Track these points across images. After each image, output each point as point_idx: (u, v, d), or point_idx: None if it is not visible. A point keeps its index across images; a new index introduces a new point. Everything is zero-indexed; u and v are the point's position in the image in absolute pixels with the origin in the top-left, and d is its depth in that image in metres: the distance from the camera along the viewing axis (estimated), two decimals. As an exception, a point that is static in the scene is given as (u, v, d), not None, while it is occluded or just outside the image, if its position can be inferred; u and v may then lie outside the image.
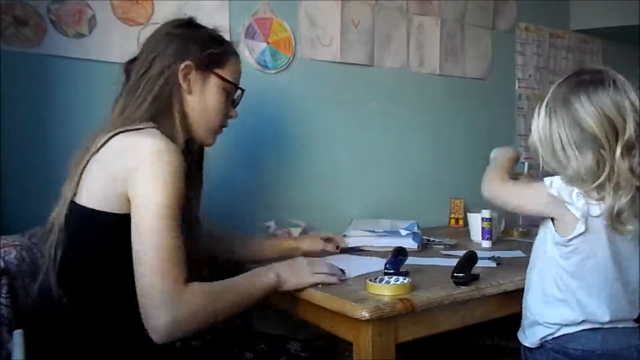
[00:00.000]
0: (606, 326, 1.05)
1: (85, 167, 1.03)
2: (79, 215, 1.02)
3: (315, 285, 1.15)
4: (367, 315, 1.00)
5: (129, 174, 0.97)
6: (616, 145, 0.98)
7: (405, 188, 2.16)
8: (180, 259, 0.96)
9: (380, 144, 2.10)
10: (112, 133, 1.03)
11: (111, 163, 1.01)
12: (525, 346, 1.14)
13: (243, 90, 1.27)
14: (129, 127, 1.04)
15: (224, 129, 1.26)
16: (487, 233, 1.67)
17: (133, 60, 1.16)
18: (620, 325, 1.07)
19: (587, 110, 1.00)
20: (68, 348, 1.01)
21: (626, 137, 0.97)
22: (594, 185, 0.99)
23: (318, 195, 1.93)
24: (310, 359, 1.20)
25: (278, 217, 1.77)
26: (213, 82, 1.17)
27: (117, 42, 1.55)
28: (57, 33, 1.46)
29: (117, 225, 0.99)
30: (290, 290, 1.14)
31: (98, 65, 1.52)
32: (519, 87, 2.56)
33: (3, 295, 1.00)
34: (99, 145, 1.03)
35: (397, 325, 1.06)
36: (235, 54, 1.23)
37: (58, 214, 1.04)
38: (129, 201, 0.99)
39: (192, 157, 1.21)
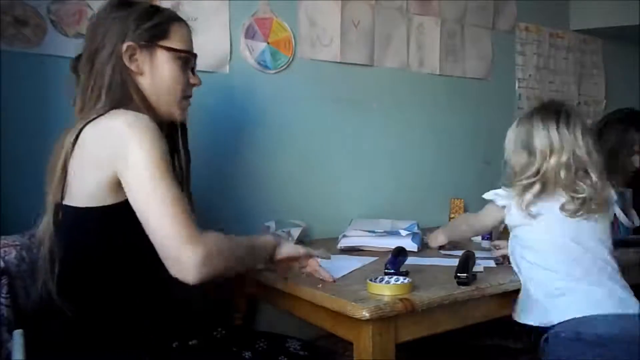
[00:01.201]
0: (617, 310, 1.12)
1: (64, 167, 1.01)
2: (71, 217, 1.00)
3: (315, 286, 1.15)
4: (367, 315, 1.00)
5: (111, 156, 0.96)
6: (549, 158, 1.26)
7: (405, 188, 2.16)
8: (186, 206, 0.96)
9: (380, 144, 2.10)
10: (80, 126, 1.01)
11: (90, 154, 0.99)
12: (543, 340, 1.17)
13: (195, 54, 1.19)
14: (94, 116, 1.01)
15: (190, 99, 1.21)
16: (487, 233, 1.67)
17: (79, 57, 1.12)
18: (630, 310, 1.13)
19: (538, 128, 1.32)
20: (70, 351, 1.00)
21: (562, 159, 1.24)
22: (523, 181, 1.29)
23: (318, 195, 1.93)
24: (310, 359, 1.20)
25: (278, 217, 1.77)
26: (161, 55, 1.11)
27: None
28: (57, 33, 1.46)
29: (113, 217, 0.98)
30: (284, 258, 1.15)
31: (98, 65, 1.52)
32: (519, 87, 2.56)
33: (3, 295, 1.00)
34: (71, 142, 1.01)
35: (397, 325, 1.06)
36: (177, 20, 1.15)
37: (46, 224, 1.02)
38: (119, 186, 0.97)
39: (173, 140, 1.18)
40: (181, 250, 0.92)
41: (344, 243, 1.60)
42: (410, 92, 2.18)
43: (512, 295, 1.22)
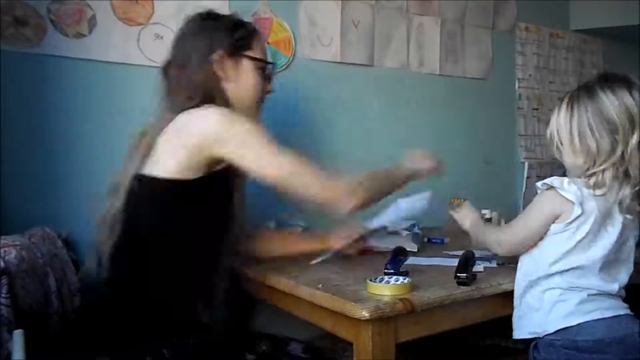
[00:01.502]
0: (608, 315, 1.09)
1: (151, 145, 1.11)
2: (148, 185, 1.09)
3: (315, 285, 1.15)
4: (367, 315, 0.99)
5: (210, 140, 1.08)
6: (632, 135, 1.07)
7: (405, 188, 2.15)
8: (311, 163, 1.15)
9: (380, 143, 2.10)
10: (174, 115, 1.11)
11: (181, 135, 1.09)
12: (532, 347, 1.16)
13: (274, 64, 1.34)
14: (188, 106, 1.12)
15: (263, 103, 1.33)
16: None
17: (168, 63, 1.22)
18: (621, 312, 1.11)
19: (611, 101, 1.10)
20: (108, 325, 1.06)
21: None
22: (602, 166, 1.07)
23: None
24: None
25: (278, 217, 1.77)
26: (246, 64, 1.24)
27: (117, 42, 1.55)
28: (57, 33, 1.46)
29: (188, 191, 1.09)
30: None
31: (98, 65, 1.52)
32: (519, 87, 2.56)
33: (3, 295, 1.00)
34: (164, 124, 1.11)
35: (397, 325, 1.06)
36: (258, 32, 1.29)
37: (122, 182, 1.11)
38: (204, 165, 1.09)
39: None
40: (330, 195, 1.17)
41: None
42: (410, 92, 2.18)
43: (512, 295, 1.21)
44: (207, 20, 1.23)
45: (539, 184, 1.16)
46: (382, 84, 2.10)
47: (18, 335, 0.95)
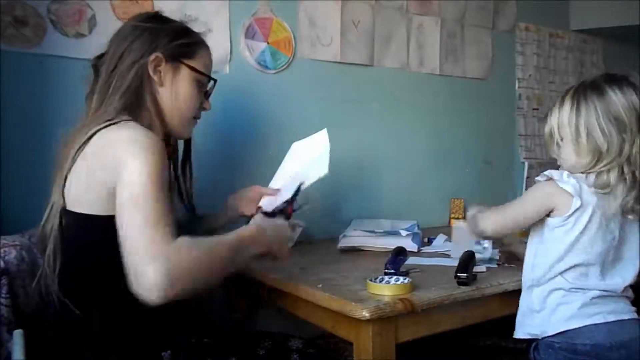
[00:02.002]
0: (610, 319, 1.08)
1: (69, 170, 1.02)
2: (73, 222, 1.01)
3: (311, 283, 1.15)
4: (367, 315, 1.00)
5: (113, 167, 0.95)
6: (638, 137, 1.07)
7: (405, 188, 2.16)
8: (167, 219, 0.90)
9: (380, 143, 2.10)
10: (91, 132, 1.01)
11: (95, 164, 0.99)
12: (533, 347, 1.16)
13: (215, 81, 1.26)
14: (106, 123, 1.02)
15: (198, 121, 1.25)
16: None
17: (101, 56, 1.15)
18: (625, 317, 1.10)
19: (620, 100, 1.09)
20: (73, 351, 1.01)
21: None
22: (611, 163, 1.07)
23: (317, 195, 1.92)
24: (318, 356, 1.21)
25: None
26: (184, 73, 1.16)
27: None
28: (57, 33, 1.46)
29: (110, 227, 0.95)
30: (264, 252, 1.08)
31: (98, 65, 1.52)
32: (519, 87, 2.56)
33: (3, 295, 1.00)
34: (78, 146, 1.01)
35: (397, 325, 1.06)
36: (205, 45, 1.22)
37: (50, 220, 1.03)
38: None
39: (173, 150, 1.23)
40: (146, 265, 0.84)
41: (344, 243, 1.60)
42: (410, 92, 2.18)
43: (512, 295, 1.21)
44: (153, 20, 1.16)
45: (538, 177, 1.15)
46: (382, 84, 2.10)
47: (18, 335, 0.95)
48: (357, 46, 2.01)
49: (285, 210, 1.30)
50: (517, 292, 1.22)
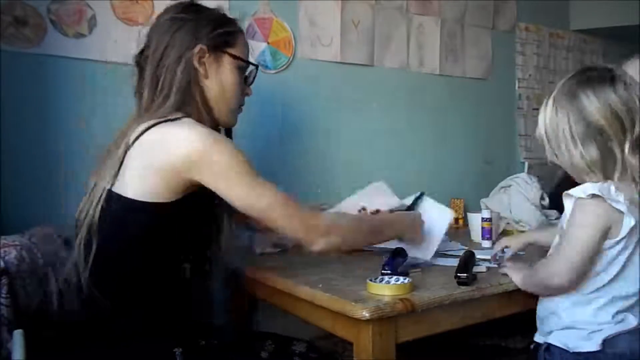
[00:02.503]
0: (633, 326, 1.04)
1: (123, 159, 1.03)
2: (120, 205, 1.03)
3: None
4: (367, 315, 0.99)
5: (188, 166, 1.00)
6: (624, 141, 0.99)
7: (405, 188, 2.15)
8: (288, 195, 1.09)
9: (380, 143, 2.10)
10: (146, 126, 1.04)
11: (155, 155, 1.02)
12: (545, 349, 1.12)
13: (257, 66, 1.28)
14: (162, 119, 1.05)
15: (242, 107, 1.27)
16: (487, 233, 1.67)
17: (142, 52, 1.15)
18: None
19: (594, 105, 1.01)
20: (101, 340, 1.03)
21: (635, 133, 0.99)
22: (617, 175, 1.00)
23: (318, 195, 1.93)
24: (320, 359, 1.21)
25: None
26: (227, 62, 1.17)
27: (117, 42, 1.55)
28: (57, 33, 1.46)
29: (161, 215, 1.02)
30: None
31: (98, 65, 1.52)
32: (519, 87, 2.56)
33: (3, 295, 1.00)
34: (133, 138, 1.04)
35: (397, 325, 1.06)
36: (242, 31, 1.22)
37: (88, 206, 1.04)
38: (179, 190, 1.03)
39: None
40: (303, 234, 1.10)
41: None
42: (410, 92, 2.18)
43: (512, 295, 1.21)
44: (190, 11, 1.15)
45: (576, 192, 1.02)
46: (382, 84, 2.10)
47: (18, 335, 0.95)
48: (357, 46, 2.01)
49: None
50: (516, 292, 1.21)
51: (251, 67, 1.25)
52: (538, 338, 1.15)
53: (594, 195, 0.99)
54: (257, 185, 1.06)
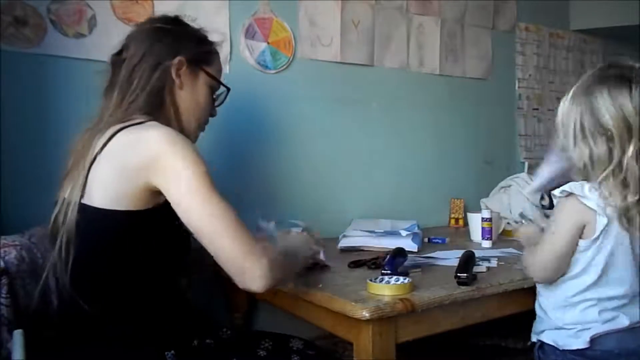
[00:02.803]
0: (622, 326, 1.06)
1: (90, 167, 1.02)
2: (91, 217, 1.01)
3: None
4: (367, 315, 1.00)
5: (146, 166, 0.97)
6: (629, 144, 1.00)
7: (405, 188, 2.16)
8: (240, 220, 1.00)
9: (380, 143, 2.10)
10: (113, 131, 1.02)
11: (120, 160, 1.00)
12: (538, 347, 1.15)
13: (229, 89, 1.28)
14: (128, 123, 1.04)
15: (205, 127, 1.27)
16: (487, 233, 1.67)
17: (119, 53, 1.15)
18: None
19: (606, 105, 1.01)
20: (84, 345, 1.01)
21: None
22: (602, 175, 1.00)
23: (318, 195, 1.93)
24: (317, 357, 1.21)
25: (278, 218, 1.77)
26: (202, 78, 1.19)
27: (117, 42, 1.54)
28: (57, 33, 1.46)
29: (135, 223, 1.00)
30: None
31: (98, 65, 1.50)
32: (519, 87, 2.56)
33: (3, 295, 1.00)
34: (101, 144, 1.02)
35: (397, 325, 1.06)
36: (218, 54, 1.25)
37: (61, 215, 1.02)
38: (146, 195, 0.99)
39: None
40: (246, 266, 0.96)
41: (344, 243, 1.60)
42: (410, 92, 2.18)
43: (512, 295, 1.22)
44: (174, 23, 1.18)
45: (556, 192, 1.07)
46: (382, 84, 2.10)
47: (18, 335, 0.95)
48: (357, 46, 2.01)
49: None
50: (516, 292, 1.22)
51: (222, 89, 1.27)
52: (533, 337, 1.18)
53: (568, 194, 1.03)
54: (211, 204, 0.97)
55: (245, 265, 0.96)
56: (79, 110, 1.49)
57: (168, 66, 1.12)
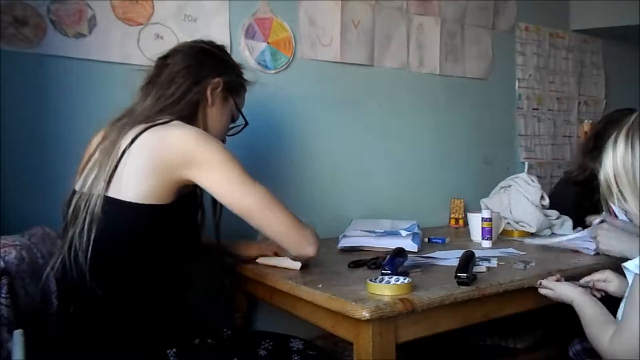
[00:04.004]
0: None
1: (118, 161, 1.05)
2: (114, 210, 1.03)
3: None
4: (367, 315, 0.99)
5: (181, 162, 1.04)
6: None
7: (405, 188, 2.16)
8: (279, 200, 1.14)
9: (380, 144, 2.10)
10: (141, 129, 1.07)
11: (152, 156, 1.05)
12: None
13: (247, 124, 1.38)
14: (154, 122, 1.09)
15: None
16: (487, 233, 1.67)
17: (165, 58, 1.22)
18: None
19: None
20: (89, 339, 1.04)
21: None
22: None
23: (318, 195, 1.93)
24: (318, 357, 1.21)
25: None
26: (229, 106, 1.30)
27: (117, 42, 1.55)
28: (57, 33, 1.47)
29: (153, 217, 1.04)
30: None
31: (98, 65, 1.52)
32: (519, 87, 2.56)
33: (3, 295, 1.00)
34: (129, 140, 1.06)
35: (397, 325, 1.06)
36: (246, 90, 1.37)
37: (83, 204, 1.04)
38: (174, 190, 1.06)
39: None
40: (300, 236, 1.16)
41: (344, 243, 1.60)
42: (410, 92, 2.18)
43: (512, 295, 1.21)
44: (221, 50, 1.30)
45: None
46: (382, 84, 2.10)
47: (18, 335, 0.95)
48: (357, 46, 2.01)
49: None
50: (516, 292, 1.22)
51: (241, 121, 1.36)
52: None
53: None
54: (244, 184, 1.10)
55: (299, 236, 1.15)
56: (79, 110, 1.50)
57: (207, 84, 1.21)
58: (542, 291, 1.17)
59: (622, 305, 1.05)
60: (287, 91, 1.87)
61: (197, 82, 1.20)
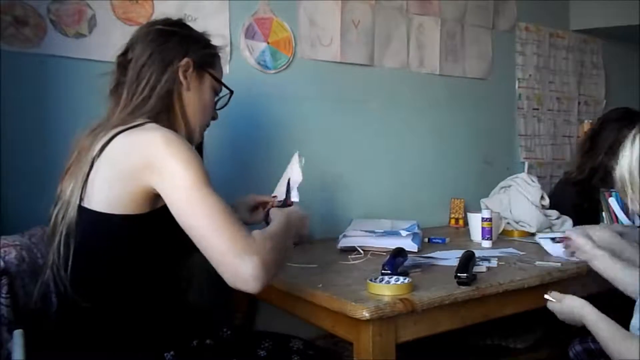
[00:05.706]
0: None
1: (90, 170, 1.02)
2: (89, 220, 1.01)
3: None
4: (367, 315, 1.00)
5: (144, 169, 0.97)
6: None
7: (405, 188, 2.16)
8: (234, 217, 0.97)
9: (380, 143, 2.10)
10: (113, 134, 1.03)
11: (117, 163, 1.00)
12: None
13: (232, 92, 1.28)
14: (128, 126, 1.04)
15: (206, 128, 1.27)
16: (487, 233, 1.67)
17: (124, 54, 1.16)
18: None
19: None
20: (84, 346, 1.01)
21: None
22: None
23: (318, 195, 1.93)
24: (317, 357, 1.21)
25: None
26: (207, 81, 1.20)
27: (117, 42, 1.52)
28: (57, 33, 1.47)
29: (130, 227, 1.00)
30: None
31: (98, 65, 1.51)
32: (519, 87, 2.56)
33: (3, 295, 1.00)
34: (100, 146, 1.02)
35: (397, 325, 1.06)
36: (220, 57, 1.26)
37: (61, 215, 1.02)
38: (144, 199, 0.99)
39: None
40: (239, 261, 0.92)
41: (343, 243, 1.60)
42: (410, 92, 2.18)
43: (512, 295, 1.22)
44: (180, 26, 1.19)
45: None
46: (382, 84, 2.10)
47: (18, 335, 0.95)
48: (357, 46, 2.01)
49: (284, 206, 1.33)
50: (516, 292, 1.22)
51: (224, 93, 1.27)
52: None
53: None
54: (203, 203, 0.95)
55: (238, 267, 0.92)
56: (79, 110, 1.50)
57: (176, 68, 1.12)
58: (549, 305, 1.15)
59: (636, 313, 1.02)
60: (287, 91, 1.87)
61: (165, 69, 1.11)
